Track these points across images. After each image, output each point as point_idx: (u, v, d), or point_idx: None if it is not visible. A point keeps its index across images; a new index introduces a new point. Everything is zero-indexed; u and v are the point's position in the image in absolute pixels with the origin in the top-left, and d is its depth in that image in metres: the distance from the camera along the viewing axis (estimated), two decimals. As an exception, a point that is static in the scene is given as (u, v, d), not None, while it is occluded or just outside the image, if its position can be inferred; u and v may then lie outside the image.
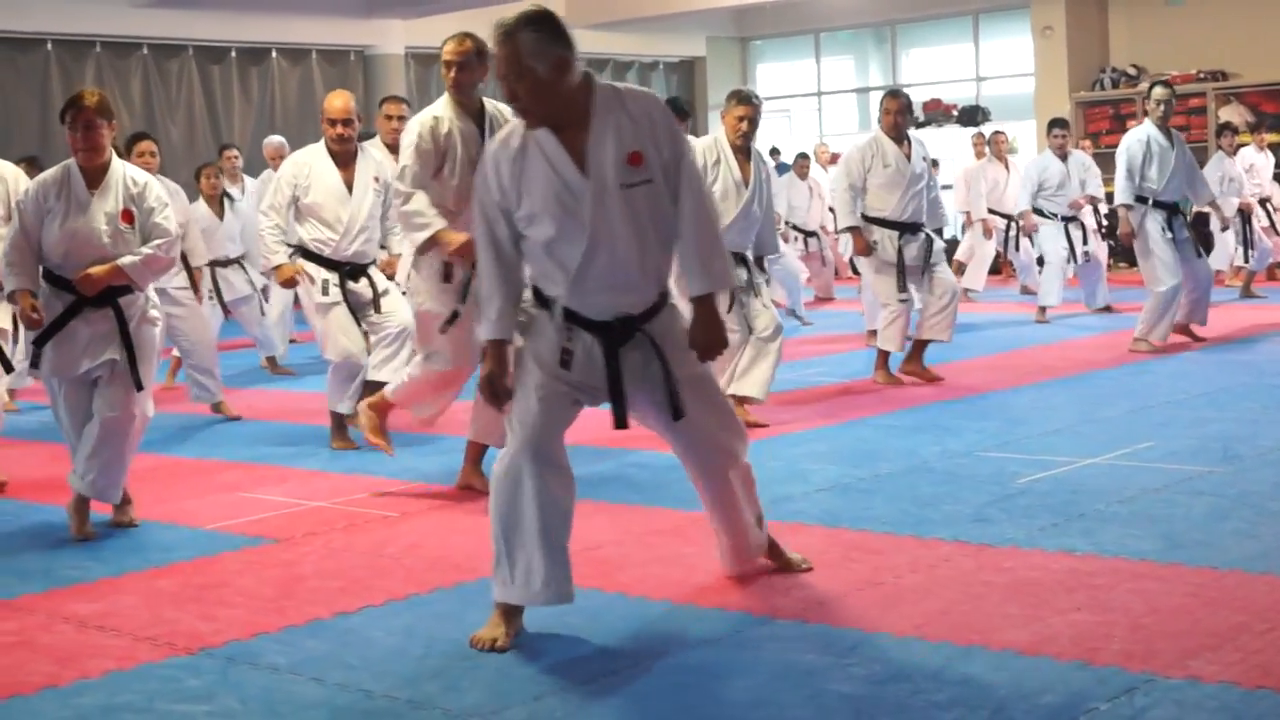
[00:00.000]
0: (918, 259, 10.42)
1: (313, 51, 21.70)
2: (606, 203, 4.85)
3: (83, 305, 6.65)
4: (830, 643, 4.79)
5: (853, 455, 7.94)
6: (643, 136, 4.89)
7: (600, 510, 6.88)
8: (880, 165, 10.39)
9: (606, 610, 5.29)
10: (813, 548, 5.96)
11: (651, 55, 25.35)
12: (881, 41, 25.86)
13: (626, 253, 4.91)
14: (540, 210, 4.87)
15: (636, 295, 5.02)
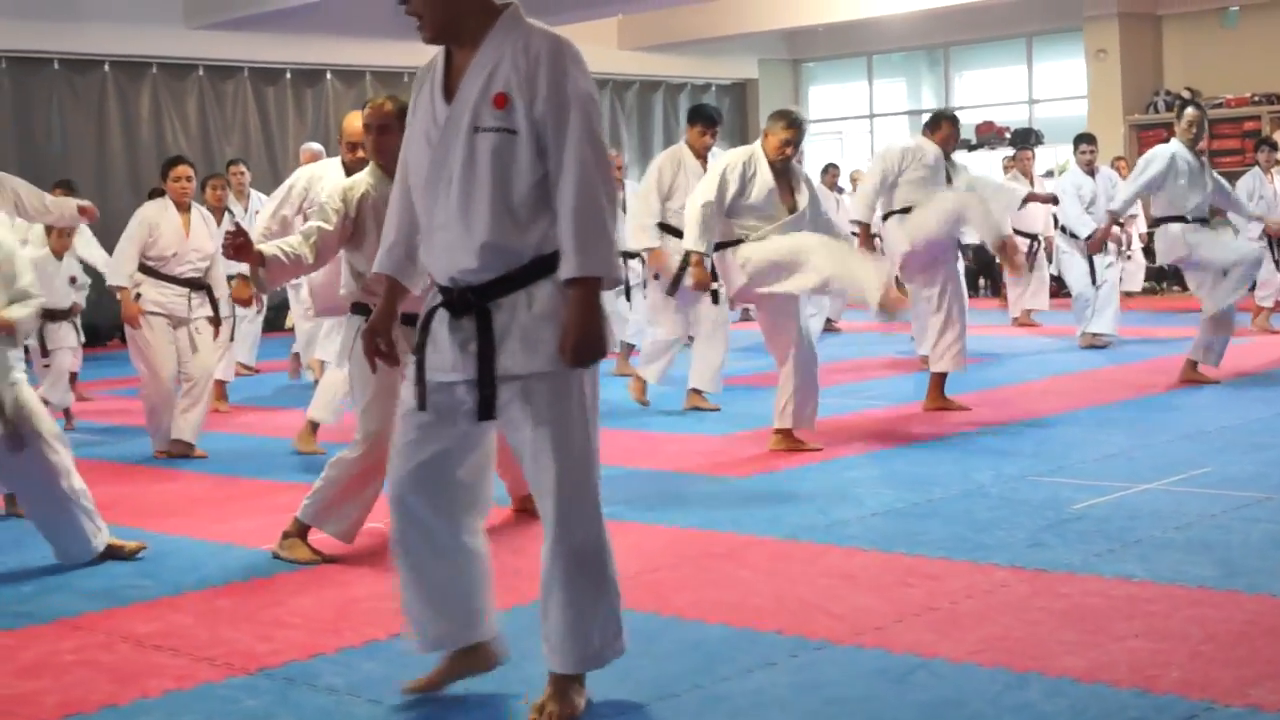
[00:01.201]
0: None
1: (366, 73, 21.81)
2: (452, 142, 4.26)
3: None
4: (887, 668, 4.77)
5: (906, 479, 7.92)
6: (520, 78, 4.19)
7: (654, 533, 6.91)
8: (920, 165, 10.24)
9: (662, 634, 5.28)
10: (867, 572, 5.98)
11: (704, 77, 25.38)
12: (934, 64, 25.82)
13: (457, 206, 4.26)
14: (412, 139, 4.42)
15: (466, 262, 4.28)
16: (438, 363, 4.36)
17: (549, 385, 4.25)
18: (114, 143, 19.47)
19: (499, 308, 4.26)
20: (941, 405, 10.28)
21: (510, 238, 4.24)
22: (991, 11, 22.61)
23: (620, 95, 24.43)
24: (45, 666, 5.19)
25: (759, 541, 6.64)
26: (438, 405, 4.38)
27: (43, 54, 18.85)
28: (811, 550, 6.44)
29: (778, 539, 6.66)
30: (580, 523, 4.37)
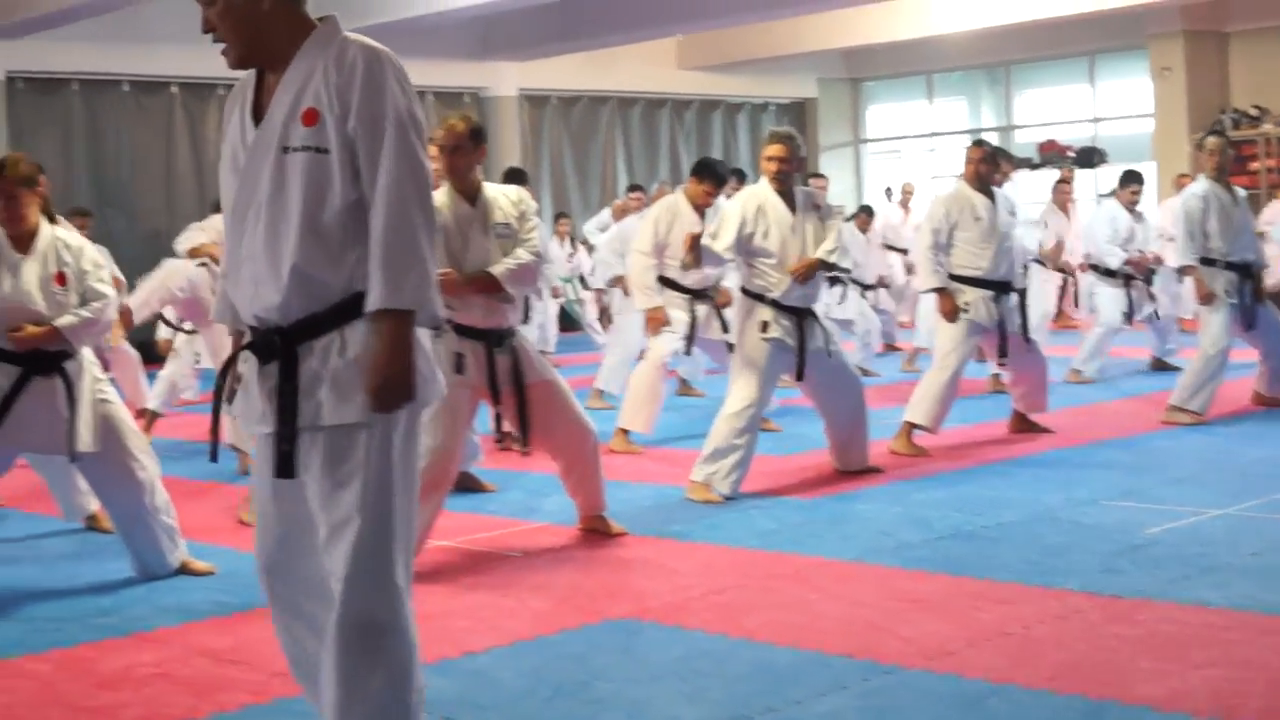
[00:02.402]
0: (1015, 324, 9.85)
1: (429, 94, 21.90)
2: (260, 165, 3.78)
3: (29, 377, 6.54)
4: (959, 693, 4.77)
5: (975, 502, 7.89)
6: (331, 92, 3.72)
7: (720, 553, 6.94)
8: (970, 218, 9.78)
9: (732, 656, 5.29)
10: (937, 595, 5.98)
11: (762, 97, 25.39)
12: (995, 82, 25.73)
13: (264, 235, 3.77)
14: (224, 164, 3.94)
15: (271, 299, 3.77)
16: (249, 413, 3.89)
17: (360, 438, 3.74)
18: (181, 164, 19.60)
19: (309, 351, 3.77)
20: (1025, 428, 10.22)
21: (320, 269, 3.74)
22: (1054, 30, 22.51)
23: (679, 115, 24.47)
24: (125, 679, 5.26)
25: (827, 563, 6.64)
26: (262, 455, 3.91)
27: (113, 76, 19.03)
28: (880, 573, 6.44)
29: (845, 561, 6.66)
30: (367, 591, 3.73)
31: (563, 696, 4.89)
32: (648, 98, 24.02)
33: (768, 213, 8.39)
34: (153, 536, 6.77)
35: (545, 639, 5.60)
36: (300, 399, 3.75)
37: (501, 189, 7.17)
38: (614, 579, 6.59)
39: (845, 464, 8.79)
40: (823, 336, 8.50)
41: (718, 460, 8.20)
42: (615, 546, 7.20)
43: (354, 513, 3.71)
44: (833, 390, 8.61)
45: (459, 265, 6.89)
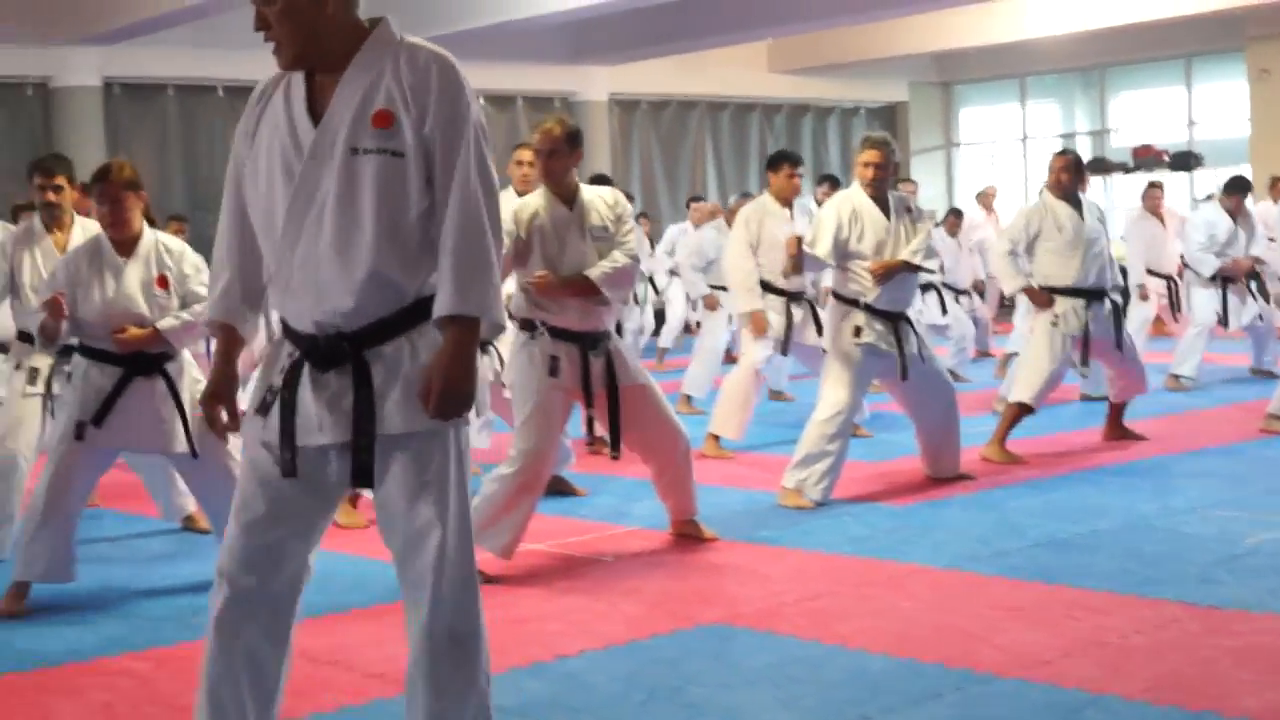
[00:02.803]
0: (1106, 331, 9.72)
1: (518, 99, 22.03)
2: (322, 167, 3.67)
3: (131, 378, 6.60)
4: (1056, 703, 4.74)
5: (1069, 510, 7.83)
6: (405, 94, 3.66)
7: (812, 559, 6.94)
8: (1054, 229, 9.71)
9: (827, 662, 5.29)
10: (1032, 604, 5.95)
11: (853, 100, 25.35)
12: (1089, 85, 25.54)
13: (335, 240, 3.67)
14: (261, 166, 3.76)
15: (341, 303, 3.69)
16: (300, 424, 3.74)
17: (435, 445, 3.73)
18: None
19: (378, 357, 3.71)
20: (1120, 434, 10.16)
21: (397, 273, 3.69)
22: (1149, 33, 22.30)
23: (769, 119, 24.47)
24: (221, 680, 5.31)
25: (920, 570, 6.62)
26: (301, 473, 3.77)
27: (208, 81, 19.22)
28: (973, 580, 6.41)
29: (938, 568, 6.65)
30: (457, 600, 3.74)
31: (656, 701, 4.91)
32: (737, 102, 24.03)
33: (862, 217, 8.39)
34: None
35: (638, 643, 5.62)
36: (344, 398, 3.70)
37: (598, 191, 7.18)
38: (706, 584, 6.60)
39: (937, 470, 8.77)
40: (916, 342, 8.49)
41: (809, 466, 8.20)
42: (707, 551, 7.21)
43: (435, 521, 3.69)
44: (925, 396, 8.58)
45: (555, 268, 6.91)
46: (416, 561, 3.72)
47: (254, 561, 3.79)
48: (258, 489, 3.77)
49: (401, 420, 3.68)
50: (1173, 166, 22.77)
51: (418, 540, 3.71)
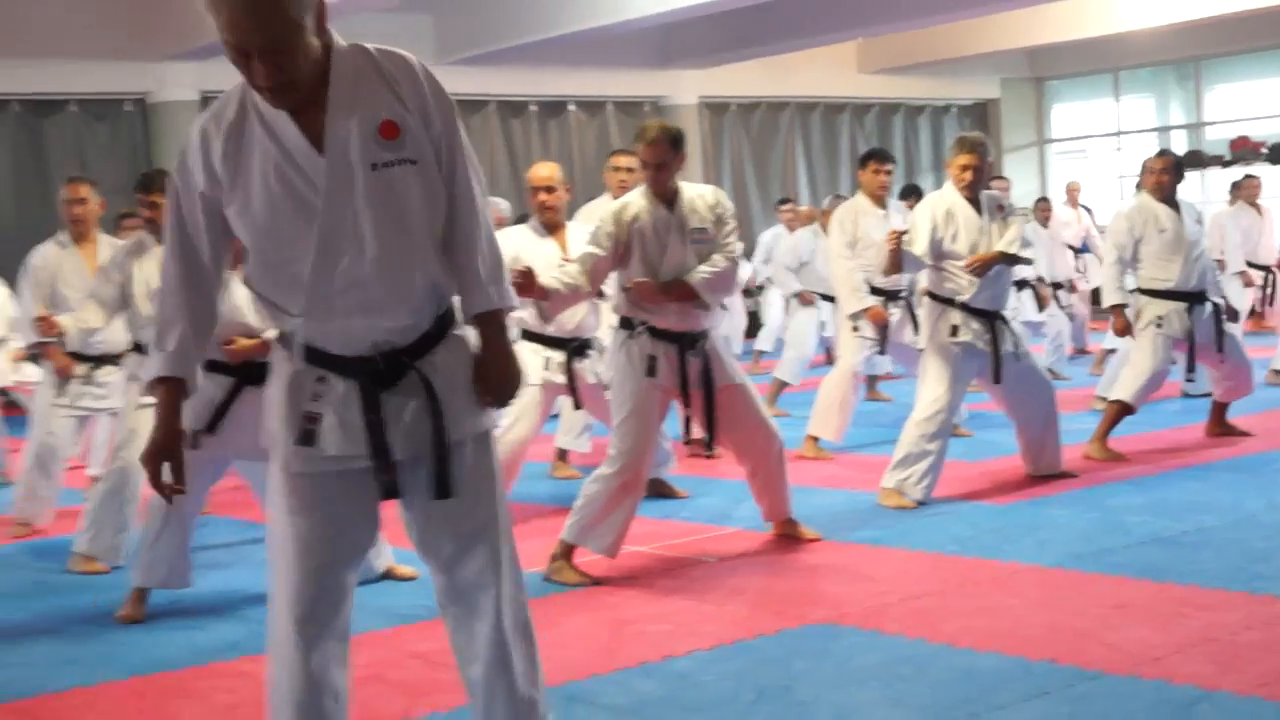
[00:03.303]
0: (1208, 334, 9.69)
1: (608, 104, 22.08)
2: (351, 189, 3.58)
3: (242, 387, 6.66)
4: (1168, 699, 4.74)
5: (1173, 507, 7.81)
6: (403, 102, 3.63)
7: (916, 559, 6.96)
8: (1155, 231, 9.66)
9: (934, 661, 5.31)
10: (1140, 601, 5.94)
11: (944, 99, 25.23)
12: (1184, 78, 25.29)
13: (383, 256, 3.61)
14: (260, 201, 3.60)
15: (400, 317, 3.69)
16: (345, 447, 3.70)
17: (486, 444, 3.83)
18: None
19: (432, 368, 3.73)
20: (1223, 431, 10.10)
21: (442, 277, 3.72)
22: (1246, 24, 22.04)
23: (859, 119, 24.40)
24: (339, 682, 5.40)
25: (1025, 569, 6.63)
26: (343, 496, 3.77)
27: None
28: (1080, 579, 6.40)
29: (1043, 566, 6.65)
30: (517, 592, 3.85)
31: (766, 700, 4.95)
32: (827, 102, 23.99)
33: (956, 216, 8.41)
34: None
35: (745, 643, 5.66)
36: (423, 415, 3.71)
37: (699, 190, 7.16)
38: (810, 584, 6.65)
39: (1038, 468, 8.76)
40: (1012, 340, 8.49)
41: (909, 466, 8.23)
42: (809, 552, 7.25)
43: (490, 520, 3.78)
44: (1023, 394, 8.58)
45: (655, 271, 6.94)
46: (472, 562, 3.77)
47: (325, 602, 3.78)
48: (319, 517, 3.74)
49: (468, 425, 3.75)
50: (1271, 159, 22.48)
51: (474, 540, 3.77)
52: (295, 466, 3.72)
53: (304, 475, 3.72)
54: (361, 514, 3.81)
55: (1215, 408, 10.20)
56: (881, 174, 10.25)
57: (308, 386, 3.71)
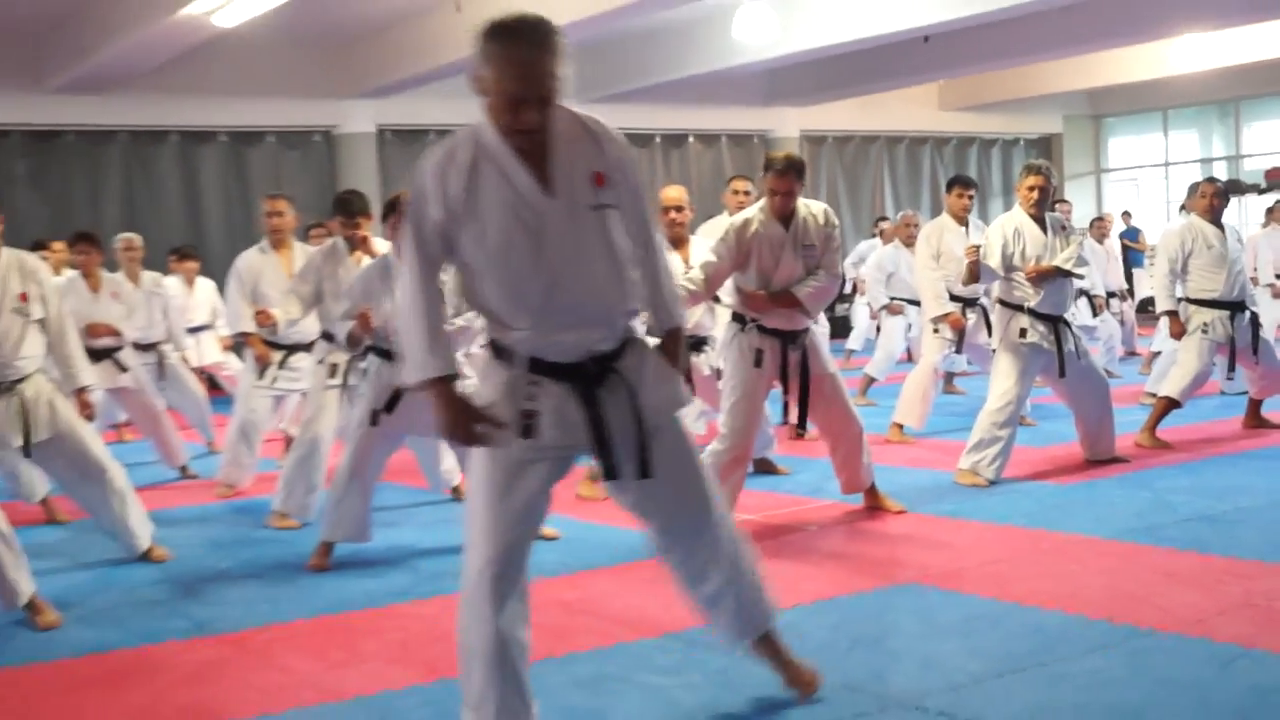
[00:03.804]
0: (1245, 338, 9.53)
1: (722, 136, 22.06)
2: (576, 225, 3.78)
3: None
4: (1211, 655, 4.67)
5: (1215, 489, 7.67)
6: (603, 157, 3.86)
7: (990, 530, 6.89)
8: (1203, 247, 9.52)
9: (1005, 617, 5.26)
10: (1186, 570, 5.86)
11: (1013, 133, 24.99)
12: (1225, 116, 24.90)
13: (601, 280, 3.84)
14: (495, 231, 3.75)
15: (608, 329, 3.92)
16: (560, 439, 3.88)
17: (677, 422, 4.09)
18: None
19: (627, 370, 3.94)
20: (1258, 424, 9.92)
21: (636, 302, 3.98)
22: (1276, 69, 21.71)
23: (939, 150, 24.23)
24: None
25: (1085, 540, 6.54)
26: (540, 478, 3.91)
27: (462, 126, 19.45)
28: (1133, 549, 6.31)
29: (1100, 538, 6.55)
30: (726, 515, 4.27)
31: (860, 648, 4.93)
32: (912, 136, 23.84)
33: (1023, 234, 8.34)
34: None
35: (841, 599, 5.64)
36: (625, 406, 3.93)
37: (811, 209, 7.07)
38: (897, 549, 6.60)
39: (1094, 454, 8.65)
40: (1073, 340, 8.39)
41: (982, 450, 8.15)
42: (895, 522, 7.21)
43: (698, 471, 4.11)
44: (1082, 388, 8.47)
45: (768, 280, 6.94)
46: (689, 503, 4.10)
47: (516, 568, 3.88)
48: (521, 495, 3.85)
49: (665, 411, 4.02)
50: (1299, 189, 22.11)
51: (688, 487, 4.08)
52: (516, 455, 3.83)
53: (519, 462, 3.84)
54: (547, 492, 3.95)
55: (1251, 404, 10.02)
56: (965, 197, 10.18)
57: (522, 389, 3.84)
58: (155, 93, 16.97)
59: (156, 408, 9.67)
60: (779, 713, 4.33)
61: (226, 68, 17.27)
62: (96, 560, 6.96)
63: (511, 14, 3.75)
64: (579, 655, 4.94)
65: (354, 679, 4.82)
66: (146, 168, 17.64)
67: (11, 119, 16.54)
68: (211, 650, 5.29)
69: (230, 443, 9.00)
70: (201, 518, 8.14)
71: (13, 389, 6.52)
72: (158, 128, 17.59)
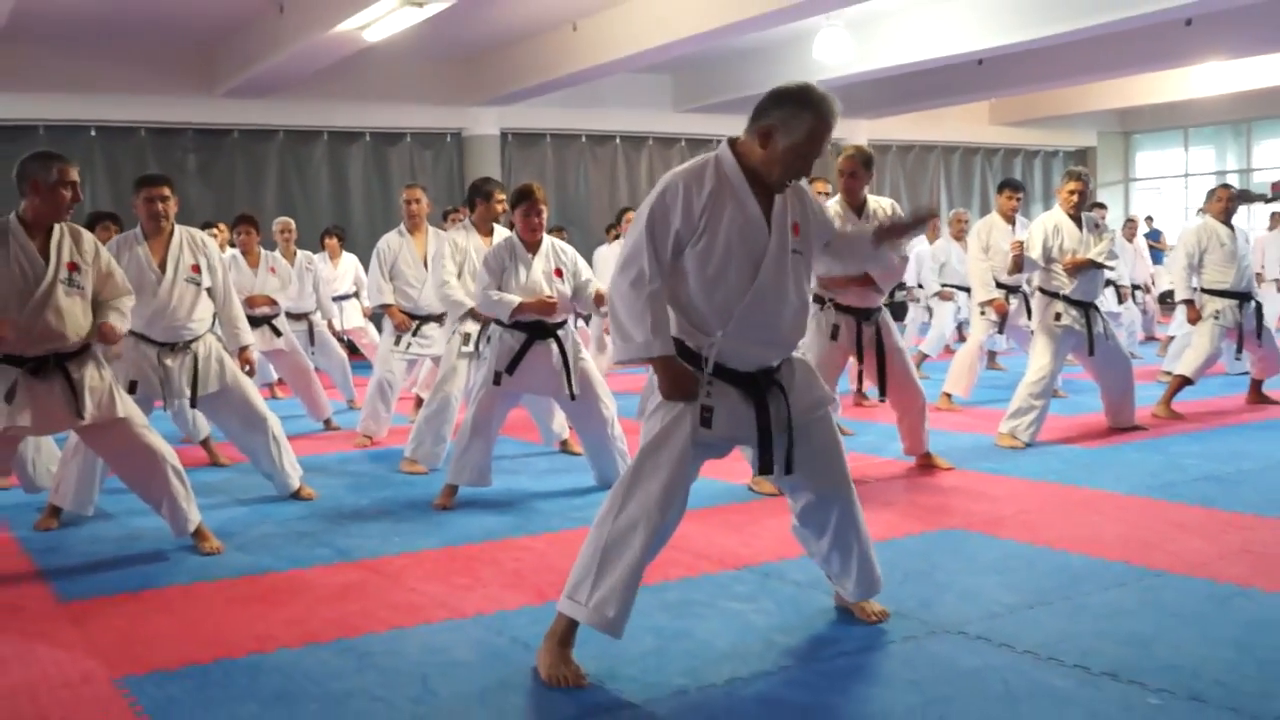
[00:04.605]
0: (1252, 325, 9.47)
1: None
2: (781, 260, 3.91)
3: (533, 342, 6.77)
4: (1213, 593, 4.69)
5: (1221, 454, 7.63)
6: (802, 212, 4.04)
7: (1024, 485, 6.89)
8: (1217, 244, 9.49)
9: (1036, 559, 5.29)
10: (1194, 521, 5.85)
11: (1053, 145, 24.67)
12: (1239, 135, 24.45)
13: (790, 312, 3.98)
14: (721, 250, 3.85)
15: (779, 354, 4.06)
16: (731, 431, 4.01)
17: (824, 418, 4.20)
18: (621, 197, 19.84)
19: (783, 378, 4.07)
20: (1260, 400, 9.85)
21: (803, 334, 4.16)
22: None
23: (989, 160, 23.98)
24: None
25: (1107, 495, 6.55)
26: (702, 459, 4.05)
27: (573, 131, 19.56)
28: (1148, 503, 6.31)
29: (1121, 494, 6.55)
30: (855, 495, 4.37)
31: (912, 581, 4.97)
32: (965, 147, 23.60)
33: (1062, 231, 8.30)
34: (610, 457, 7.05)
35: (895, 540, 5.68)
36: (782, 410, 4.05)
37: (880, 201, 7.10)
38: (944, 500, 6.62)
39: (1117, 422, 8.61)
40: (1102, 323, 8.36)
41: (1020, 416, 8.15)
42: (944, 477, 7.22)
43: (839, 447, 4.25)
44: (1108, 365, 8.44)
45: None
46: (833, 471, 4.21)
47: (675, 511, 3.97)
48: (687, 469, 3.95)
49: (814, 411, 4.15)
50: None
51: (833, 459, 4.21)
52: (698, 439, 3.94)
53: (698, 446, 3.95)
54: (695, 475, 4.04)
55: (1253, 382, 9.94)
56: (1014, 199, 10.16)
57: (703, 387, 3.94)
58: (310, 98, 17.17)
59: (306, 368, 9.75)
60: (840, 632, 4.39)
61: (372, 77, 17.44)
62: (253, 498, 7.06)
63: (823, 90, 3.91)
64: (669, 584, 4.98)
65: (474, 600, 4.88)
66: (300, 163, 17.86)
67: (185, 118, 16.79)
68: (352, 574, 5.35)
69: (369, 399, 9.06)
70: (342, 464, 8.21)
71: (187, 348, 6.67)
72: (311, 128, 17.78)
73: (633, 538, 3.89)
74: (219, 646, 4.36)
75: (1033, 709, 3.60)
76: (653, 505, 3.89)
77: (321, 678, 4.03)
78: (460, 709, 3.74)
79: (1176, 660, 3.97)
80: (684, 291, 3.91)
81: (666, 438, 3.93)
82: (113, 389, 5.58)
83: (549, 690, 3.86)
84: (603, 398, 6.98)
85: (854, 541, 4.32)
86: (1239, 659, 3.97)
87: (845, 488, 4.26)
